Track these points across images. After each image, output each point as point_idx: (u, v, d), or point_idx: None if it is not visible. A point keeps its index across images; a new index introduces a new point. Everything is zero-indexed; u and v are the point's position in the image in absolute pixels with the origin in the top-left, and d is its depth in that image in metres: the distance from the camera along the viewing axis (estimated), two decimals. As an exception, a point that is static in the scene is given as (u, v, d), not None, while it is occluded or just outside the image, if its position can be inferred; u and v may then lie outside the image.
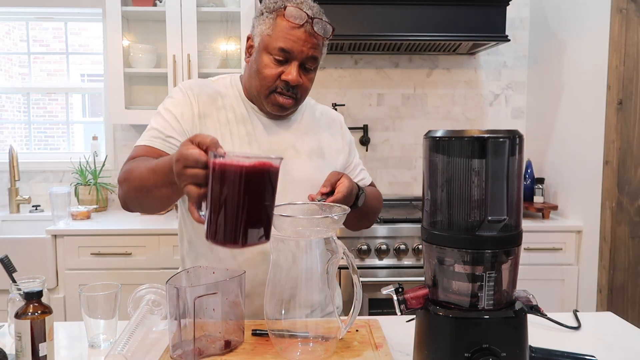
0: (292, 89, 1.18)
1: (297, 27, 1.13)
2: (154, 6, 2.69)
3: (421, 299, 0.86)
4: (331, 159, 1.31)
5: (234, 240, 0.81)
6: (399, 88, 2.96)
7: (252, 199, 0.80)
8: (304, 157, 1.26)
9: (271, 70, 1.17)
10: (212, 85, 1.26)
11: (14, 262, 1.14)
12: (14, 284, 1.08)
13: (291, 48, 1.14)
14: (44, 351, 0.90)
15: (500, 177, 0.76)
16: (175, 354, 0.98)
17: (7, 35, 4.28)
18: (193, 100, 1.20)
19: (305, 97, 1.25)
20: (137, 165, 1.06)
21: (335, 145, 1.33)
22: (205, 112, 1.20)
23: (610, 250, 2.24)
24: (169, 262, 2.40)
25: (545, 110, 2.81)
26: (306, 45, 1.15)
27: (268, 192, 0.83)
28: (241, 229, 0.80)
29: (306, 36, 1.14)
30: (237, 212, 0.79)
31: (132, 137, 2.97)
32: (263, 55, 1.17)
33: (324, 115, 1.36)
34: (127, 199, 1.10)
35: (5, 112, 3.98)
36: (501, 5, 2.52)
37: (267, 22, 1.17)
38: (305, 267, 0.99)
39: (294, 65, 1.16)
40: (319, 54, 1.19)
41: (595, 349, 1.02)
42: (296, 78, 1.16)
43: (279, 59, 1.16)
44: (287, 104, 1.19)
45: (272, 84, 1.18)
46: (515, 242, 0.81)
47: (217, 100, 1.23)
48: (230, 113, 1.23)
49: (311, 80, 1.21)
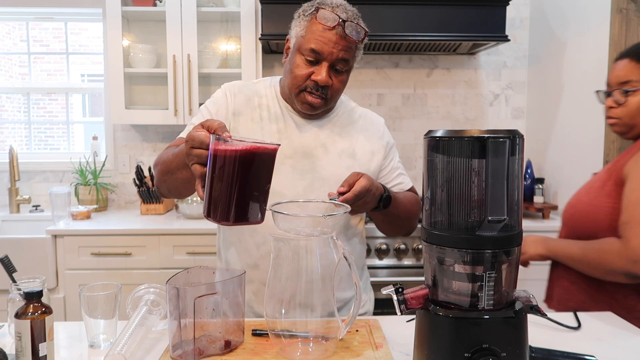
0: (322, 89, 1.21)
1: (329, 29, 1.17)
2: (154, 6, 2.69)
3: (421, 299, 0.86)
4: (364, 160, 1.32)
5: (225, 218, 0.89)
6: (399, 88, 2.97)
7: (243, 180, 0.87)
8: (334, 156, 1.29)
9: (302, 70, 1.21)
10: (253, 86, 1.34)
11: (14, 262, 1.15)
12: (14, 284, 1.08)
13: (321, 49, 1.18)
14: (44, 351, 0.90)
15: (500, 177, 0.76)
16: (175, 354, 0.98)
17: (7, 35, 4.28)
18: (230, 100, 1.29)
19: (336, 97, 1.27)
20: (165, 152, 1.21)
21: (370, 147, 1.34)
22: (239, 111, 1.28)
23: (610, 250, 2.24)
24: (169, 262, 2.40)
25: (545, 110, 2.81)
26: (337, 47, 1.18)
27: (260, 175, 0.90)
28: (232, 207, 0.88)
29: (337, 38, 1.17)
30: (228, 191, 0.87)
31: (132, 137, 2.97)
32: (296, 56, 1.23)
33: (363, 118, 1.37)
34: (157, 183, 1.24)
35: (5, 112, 3.98)
36: (501, 5, 2.52)
37: (302, 24, 1.22)
38: (306, 267, 0.99)
39: (324, 66, 1.19)
40: (350, 57, 1.21)
41: (595, 349, 1.02)
42: (325, 78, 1.19)
43: (310, 60, 1.20)
44: (316, 103, 1.23)
45: (302, 83, 1.22)
46: (515, 242, 0.81)
47: (253, 100, 1.30)
48: (264, 112, 1.29)
49: (342, 82, 1.24)
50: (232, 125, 1.27)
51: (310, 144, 1.28)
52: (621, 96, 1.35)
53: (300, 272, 0.99)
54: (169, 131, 2.97)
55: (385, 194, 1.21)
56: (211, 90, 2.90)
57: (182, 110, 2.65)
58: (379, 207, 1.22)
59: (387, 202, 1.22)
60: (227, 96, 1.30)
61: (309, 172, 1.26)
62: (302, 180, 1.26)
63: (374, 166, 1.34)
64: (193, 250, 2.40)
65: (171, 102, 2.64)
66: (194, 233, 2.41)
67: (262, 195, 0.92)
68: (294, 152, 1.27)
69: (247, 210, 0.91)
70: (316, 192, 1.24)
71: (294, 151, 1.27)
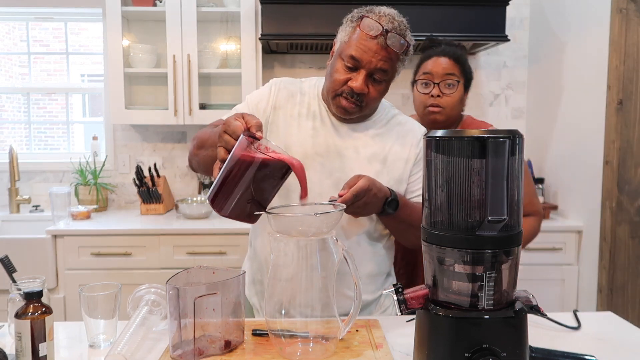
0: (357, 96, 1.22)
1: (371, 37, 1.17)
2: (154, 6, 2.69)
3: (421, 299, 0.86)
4: (393, 167, 1.30)
5: (219, 208, 0.97)
6: (399, 88, 2.96)
7: (251, 184, 0.94)
8: (363, 160, 1.28)
9: (340, 75, 1.22)
10: (300, 84, 1.37)
11: (14, 262, 1.15)
12: (14, 284, 1.08)
13: (360, 57, 1.18)
14: (44, 351, 0.90)
15: (500, 177, 0.76)
16: (175, 354, 0.98)
17: (7, 35, 4.29)
18: (273, 94, 1.33)
19: (372, 105, 1.27)
20: (204, 129, 1.28)
21: (402, 155, 1.32)
22: (280, 105, 1.32)
23: (610, 250, 2.24)
24: (169, 262, 2.40)
25: (545, 110, 2.81)
26: (376, 56, 1.18)
27: (269, 183, 0.97)
28: (233, 203, 0.96)
29: (378, 48, 1.17)
30: (235, 188, 0.95)
31: (132, 137, 2.98)
32: (337, 60, 1.23)
33: (401, 125, 1.36)
34: (190, 156, 1.30)
35: (5, 112, 3.99)
36: (501, 5, 2.52)
37: (347, 30, 1.22)
38: (305, 267, 0.99)
39: (361, 73, 1.20)
40: (389, 67, 1.21)
41: (595, 349, 1.02)
42: (361, 86, 1.20)
43: (349, 66, 1.20)
44: (350, 107, 1.24)
45: (339, 87, 1.23)
46: (515, 242, 0.81)
47: (295, 97, 1.33)
48: (304, 109, 1.31)
49: (379, 91, 1.24)
50: (272, 118, 1.30)
51: (342, 144, 1.29)
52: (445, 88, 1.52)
53: (300, 272, 0.99)
54: (169, 131, 2.97)
55: (390, 197, 1.19)
56: (211, 90, 2.91)
57: (182, 110, 2.65)
58: (385, 211, 1.20)
59: (394, 206, 1.20)
60: (271, 90, 1.33)
61: (336, 172, 1.26)
62: (328, 179, 1.26)
63: (399, 172, 1.31)
64: (193, 250, 2.40)
65: (171, 102, 2.64)
66: (194, 233, 2.41)
67: (264, 201, 0.99)
68: (326, 150, 1.27)
69: (245, 210, 0.98)
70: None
71: (326, 149, 1.27)
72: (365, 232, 1.29)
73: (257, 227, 1.37)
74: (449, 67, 1.53)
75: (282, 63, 2.96)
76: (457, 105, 1.55)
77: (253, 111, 1.31)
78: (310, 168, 1.25)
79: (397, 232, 1.34)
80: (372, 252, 1.31)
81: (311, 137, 1.28)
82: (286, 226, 0.98)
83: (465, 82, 1.57)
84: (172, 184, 2.98)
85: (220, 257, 2.39)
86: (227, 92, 2.91)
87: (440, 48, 1.59)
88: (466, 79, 1.57)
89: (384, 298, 1.39)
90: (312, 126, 1.30)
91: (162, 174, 2.86)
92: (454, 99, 1.53)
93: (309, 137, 1.28)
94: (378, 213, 1.21)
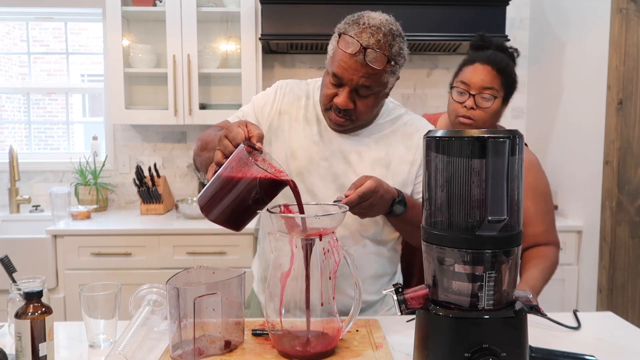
0: (344, 111, 1.20)
1: (350, 55, 1.13)
2: (154, 6, 2.69)
3: (421, 299, 0.86)
4: (398, 170, 1.28)
5: (207, 211, 1.00)
6: (399, 88, 2.96)
7: (240, 195, 0.96)
8: (367, 165, 1.27)
9: (328, 89, 1.21)
10: (306, 86, 1.36)
11: (14, 262, 1.15)
12: (14, 284, 1.08)
13: (342, 74, 1.15)
14: (44, 351, 0.90)
15: (500, 177, 0.76)
16: (175, 354, 0.98)
17: (7, 35, 4.28)
18: (278, 98, 1.32)
19: (364, 118, 1.24)
20: (209, 131, 1.29)
21: (408, 157, 1.29)
22: (285, 110, 1.31)
23: (610, 250, 2.24)
24: (169, 262, 2.40)
25: (545, 110, 2.81)
26: (357, 74, 1.14)
27: (259, 198, 0.97)
28: (219, 208, 0.98)
29: (357, 65, 1.13)
30: (224, 195, 0.96)
31: (132, 137, 2.98)
32: (326, 75, 1.22)
33: (408, 126, 1.33)
34: (194, 156, 1.31)
35: (5, 112, 3.99)
36: (501, 5, 2.52)
37: (332, 44, 1.19)
38: (306, 267, 0.99)
39: (344, 90, 1.17)
40: (372, 83, 1.16)
41: (595, 349, 1.02)
42: (344, 103, 1.17)
43: (333, 83, 1.19)
44: (340, 122, 1.23)
45: (328, 102, 1.22)
46: (515, 242, 0.81)
47: (301, 100, 1.32)
48: (309, 113, 1.31)
49: (368, 105, 1.20)
50: (277, 123, 1.30)
51: (346, 149, 1.28)
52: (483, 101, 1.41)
53: (300, 272, 0.99)
54: (169, 131, 2.97)
55: (398, 198, 1.17)
56: (211, 90, 2.91)
57: (182, 110, 2.65)
58: (392, 212, 1.18)
59: (402, 207, 1.18)
60: (276, 94, 1.33)
61: (341, 177, 1.26)
62: (333, 184, 1.26)
63: (404, 175, 1.29)
64: (193, 250, 2.40)
65: (171, 102, 2.64)
66: (194, 233, 2.41)
67: (251, 213, 0.99)
68: (331, 154, 1.27)
69: (231, 218, 1.00)
70: None
71: (331, 153, 1.26)
72: (371, 234, 1.28)
73: (264, 227, 1.37)
74: (488, 80, 1.40)
75: (282, 63, 2.96)
76: (491, 119, 1.43)
77: (259, 113, 1.32)
78: (315, 173, 1.25)
79: (405, 232, 1.32)
80: (378, 254, 1.31)
81: (316, 142, 1.28)
82: (287, 226, 0.98)
83: (506, 94, 1.44)
84: (172, 184, 2.98)
85: (220, 257, 2.39)
86: (227, 92, 2.91)
87: (486, 53, 1.45)
88: (507, 91, 1.45)
89: (389, 297, 1.39)
90: (317, 130, 1.29)
91: (162, 174, 2.86)
92: (488, 113, 1.42)
93: (313, 142, 1.28)
94: (385, 214, 1.19)
